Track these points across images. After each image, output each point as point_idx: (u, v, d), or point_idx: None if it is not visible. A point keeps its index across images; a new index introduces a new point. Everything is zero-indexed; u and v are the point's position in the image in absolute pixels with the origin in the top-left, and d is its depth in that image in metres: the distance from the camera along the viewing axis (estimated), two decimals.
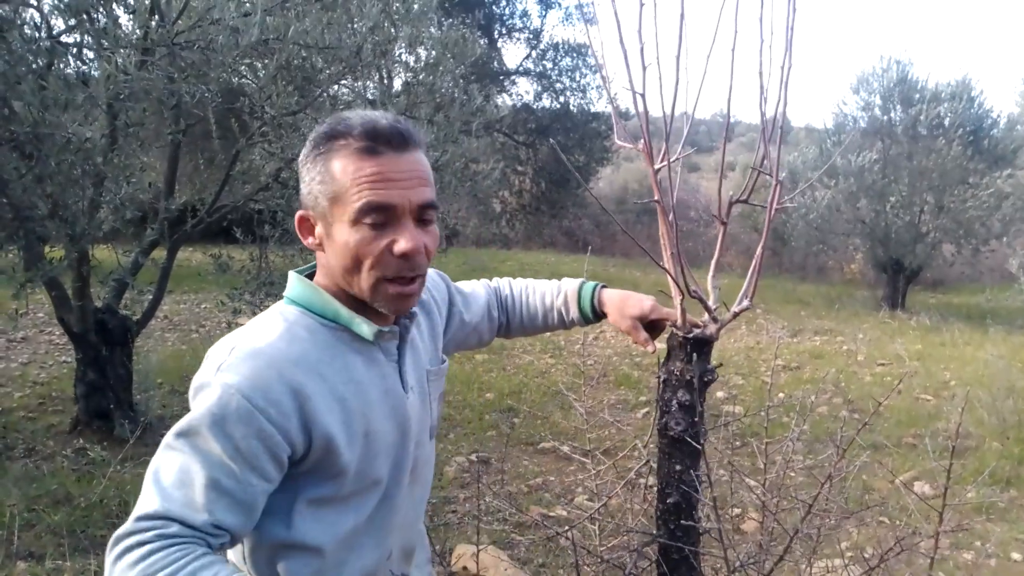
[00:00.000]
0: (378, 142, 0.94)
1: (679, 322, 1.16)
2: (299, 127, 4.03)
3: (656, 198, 1.09)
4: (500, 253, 14.68)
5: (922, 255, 12.39)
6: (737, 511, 3.72)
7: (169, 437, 0.91)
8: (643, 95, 1.08)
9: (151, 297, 4.40)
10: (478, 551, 2.14)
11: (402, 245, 0.94)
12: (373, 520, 1.04)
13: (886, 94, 12.94)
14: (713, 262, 1.20)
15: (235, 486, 0.89)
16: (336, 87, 4.39)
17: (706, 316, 1.15)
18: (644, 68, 1.10)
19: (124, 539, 0.87)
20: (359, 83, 4.73)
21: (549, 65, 14.01)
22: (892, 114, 12.95)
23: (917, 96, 12.75)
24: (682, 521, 1.14)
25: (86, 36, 2.82)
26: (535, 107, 14.01)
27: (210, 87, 2.83)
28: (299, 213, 1.00)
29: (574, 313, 1.33)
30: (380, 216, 0.94)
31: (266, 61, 3.38)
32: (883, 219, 12.46)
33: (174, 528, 0.86)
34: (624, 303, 1.28)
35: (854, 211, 12.67)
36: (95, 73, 2.78)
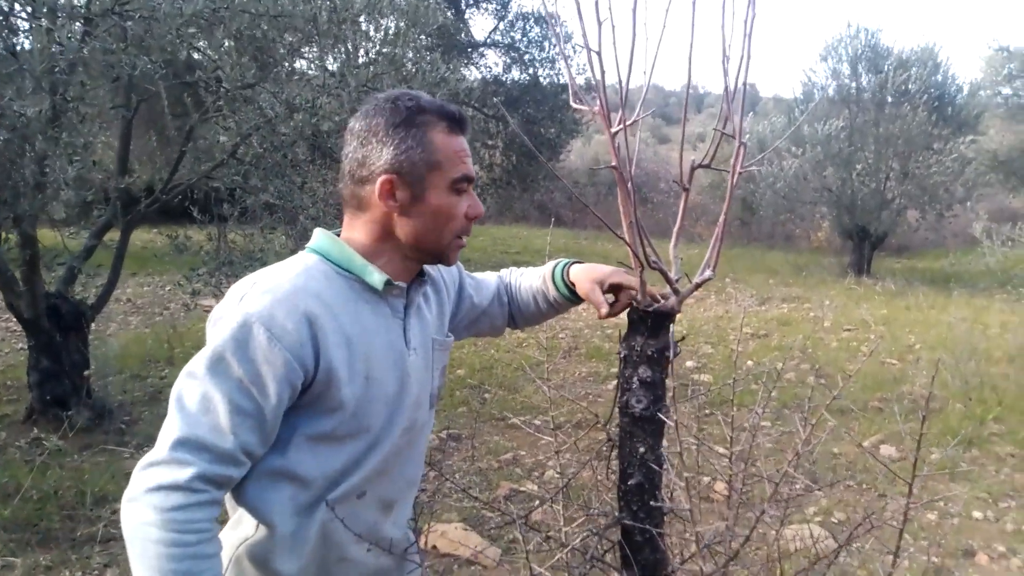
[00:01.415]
0: (459, 124, 1.10)
1: (638, 296, 1.10)
2: (256, 101, 3.88)
3: (613, 164, 1.03)
4: (472, 228, 14.54)
5: (887, 221, 12.55)
6: (707, 479, 3.74)
7: (192, 365, 0.97)
8: (599, 53, 1.01)
9: (106, 281, 4.25)
10: (425, 530, 2.10)
11: (480, 208, 1.14)
12: (358, 462, 1.09)
13: (854, 61, 12.99)
14: (675, 230, 1.14)
15: (255, 408, 0.97)
16: (295, 59, 4.24)
17: (667, 288, 1.09)
18: (599, 24, 1.03)
19: (161, 468, 0.93)
20: (320, 53, 4.57)
21: (518, 36, 13.77)
22: (860, 81, 13.02)
23: (885, 63, 12.81)
24: (646, 501, 1.10)
25: (15, 3, 2.66)
26: (504, 79, 13.80)
27: (153, 58, 2.68)
28: (384, 177, 1.06)
29: (553, 293, 1.36)
30: (467, 185, 1.11)
31: (217, 32, 3.22)
32: (849, 187, 12.57)
33: (205, 464, 0.93)
34: (587, 269, 1.31)
35: (821, 179, 12.76)
36: (27, 44, 2.63)
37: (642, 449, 1.13)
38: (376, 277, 1.08)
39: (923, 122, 11.91)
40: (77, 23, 2.90)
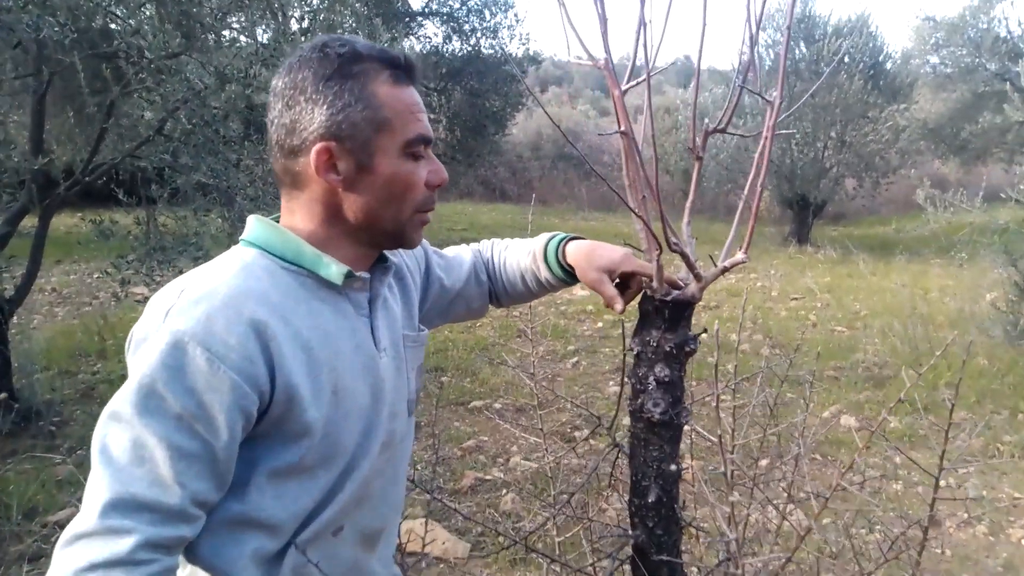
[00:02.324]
0: (407, 71, 0.90)
1: (655, 282, 0.95)
2: (183, 72, 3.56)
3: (622, 128, 0.87)
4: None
5: (826, 190, 12.81)
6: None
7: (115, 404, 0.78)
8: None
9: (25, 271, 3.89)
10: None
11: (444, 174, 0.94)
12: (333, 491, 0.91)
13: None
14: (687, 204, 0.99)
15: (202, 448, 0.78)
16: (223, 26, 3.91)
17: (684, 272, 0.95)
18: None
19: (93, 540, 0.73)
20: (250, 20, 4.25)
21: (456, 5, 13.40)
22: (796, 51, 13.15)
23: (819, 33, 12.97)
24: (664, 516, 0.96)
25: None
26: (444, 51, 13.43)
27: (59, 19, 2.36)
28: (320, 145, 0.86)
29: (545, 272, 1.16)
30: (423, 147, 0.91)
31: None
32: (788, 156, 12.76)
33: (147, 528, 0.74)
34: (592, 253, 1.10)
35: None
36: None
37: (657, 454, 0.99)
38: (334, 270, 0.89)
39: (859, 91, 12.14)
40: None
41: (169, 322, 0.79)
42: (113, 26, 3.75)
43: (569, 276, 1.14)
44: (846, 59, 12.52)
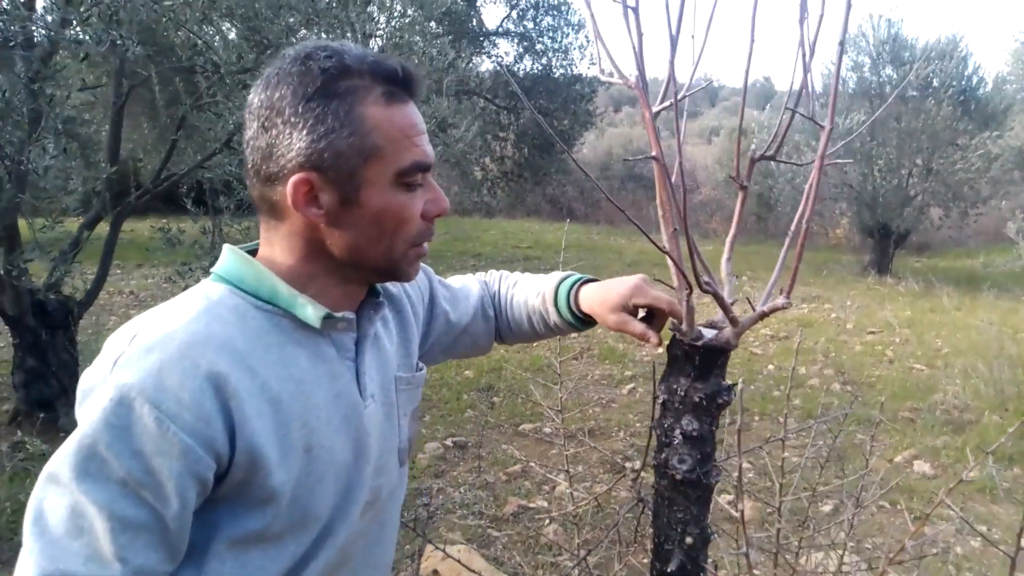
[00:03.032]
0: (405, 85, 0.78)
1: (683, 325, 0.86)
2: (249, 85, 3.65)
3: (654, 154, 0.79)
4: (483, 222, 14.31)
5: (909, 219, 12.21)
6: (727, 497, 3.49)
7: (54, 463, 0.68)
8: (635, 9, 0.77)
9: (94, 275, 4.05)
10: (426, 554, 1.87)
11: (444, 203, 0.83)
12: (306, 559, 0.80)
13: (876, 54, 12.62)
14: (728, 240, 0.90)
15: (149, 517, 0.68)
16: (293, 41, 4.00)
17: (720, 315, 0.85)
18: None
19: None
20: (322, 37, 4.34)
21: (530, 25, 13.50)
22: (881, 74, 12.65)
23: (907, 55, 12.45)
24: None
25: None
26: (516, 69, 13.54)
27: (123, 33, 2.42)
28: (298, 176, 0.75)
29: (554, 317, 1.06)
30: (421, 176, 0.80)
31: (203, 9, 2.99)
32: (870, 183, 12.24)
33: None
34: (605, 296, 0.99)
35: (841, 175, 12.42)
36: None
37: (682, 516, 0.89)
38: (310, 312, 0.79)
39: (947, 117, 11.55)
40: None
41: (117, 374, 0.69)
42: (190, 40, 3.89)
43: (580, 322, 1.04)
44: (934, 83, 11.97)
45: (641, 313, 1.00)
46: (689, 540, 0.83)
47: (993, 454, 4.17)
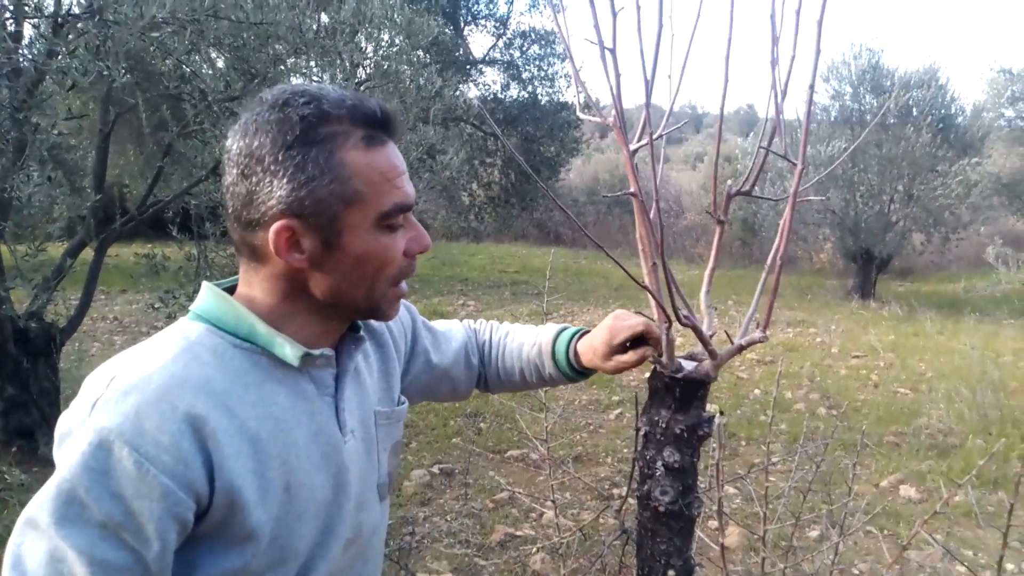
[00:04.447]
0: (385, 127, 0.80)
1: (663, 357, 0.87)
2: (239, 114, 3.67)
3: (632, 190, 0.80)
4: (471, 247, 14.34)
5: (892, 244, 12.36)
6: (714, 524, 3.49)
7: (32, 508, 0.69)
8: (612, 51, 0.79)
9: (77, 303, 4.02)
10: None
11: (426, 240, 0.84)
12: None
13: (856, 82, 12.88)
14: (707, 273, 0.91)
15: (130, 559, 0.69)
16: (280, 69, 4.03)
17: (699, 347, 0.86)
18: (614, 14, 0.80)
19: None
20: (310, 66, 4.38)
21: (516, 54, 13.67)
22: (862, 102, 12.89)
23: (887, 83, 12.70)
24: None
25: None
26: (503, 97, 13.68)
27: (109, 63, 2.44)
28: (281, 223, 0.76)
29: (551, 369, 1.07)
30: (402, 216, 0.81)
31: (192, 38, 3.01)
32: (852, 208, 12.40)
33: None
34: (598, 345, 1.00)
35: (823, 201, 12.58)
36: None
37: (665, 547, 0.89)
38: (288, 351, 0.79)
39: (927, 144, 11.76)
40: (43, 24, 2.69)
41: (95, 417, 0.70)
42: (178, 69, 3.91)
43: (576, 375, 1.06)
44: (914, 111, 12.20)
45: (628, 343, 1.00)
46: (672, 572, 0.83)
47: (977, 478, 4.20)
